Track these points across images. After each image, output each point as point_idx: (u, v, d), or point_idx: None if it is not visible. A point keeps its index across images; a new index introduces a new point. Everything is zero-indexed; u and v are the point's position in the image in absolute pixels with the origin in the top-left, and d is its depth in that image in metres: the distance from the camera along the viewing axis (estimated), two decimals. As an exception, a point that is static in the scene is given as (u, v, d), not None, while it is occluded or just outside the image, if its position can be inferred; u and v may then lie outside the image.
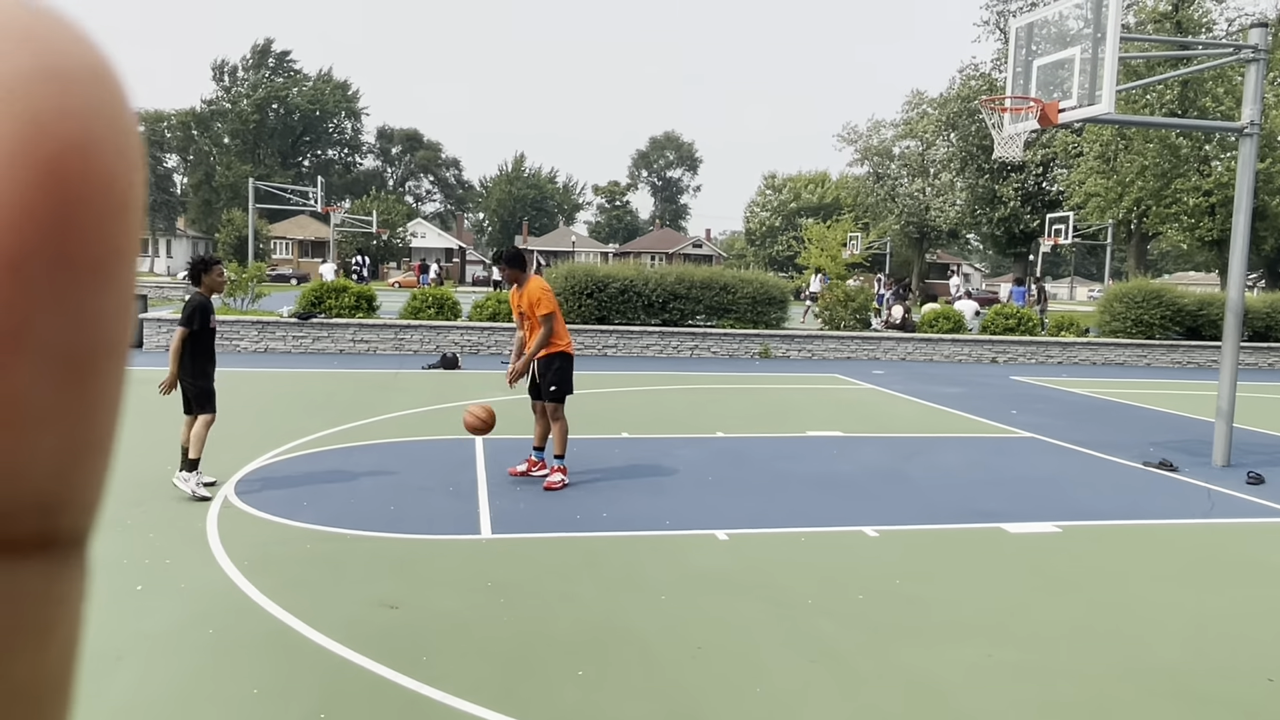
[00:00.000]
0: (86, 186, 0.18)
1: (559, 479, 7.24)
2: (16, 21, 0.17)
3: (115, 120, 0.19)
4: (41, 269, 0.18)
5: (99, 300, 0.19)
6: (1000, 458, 9.25)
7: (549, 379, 7.32)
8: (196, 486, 6.68)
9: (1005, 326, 20.65)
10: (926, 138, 55.65)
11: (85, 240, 0.18)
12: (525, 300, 7.24)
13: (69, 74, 0.18)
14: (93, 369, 0.19)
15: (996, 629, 4.69)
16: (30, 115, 0.17)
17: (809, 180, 72.89)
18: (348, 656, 4.12)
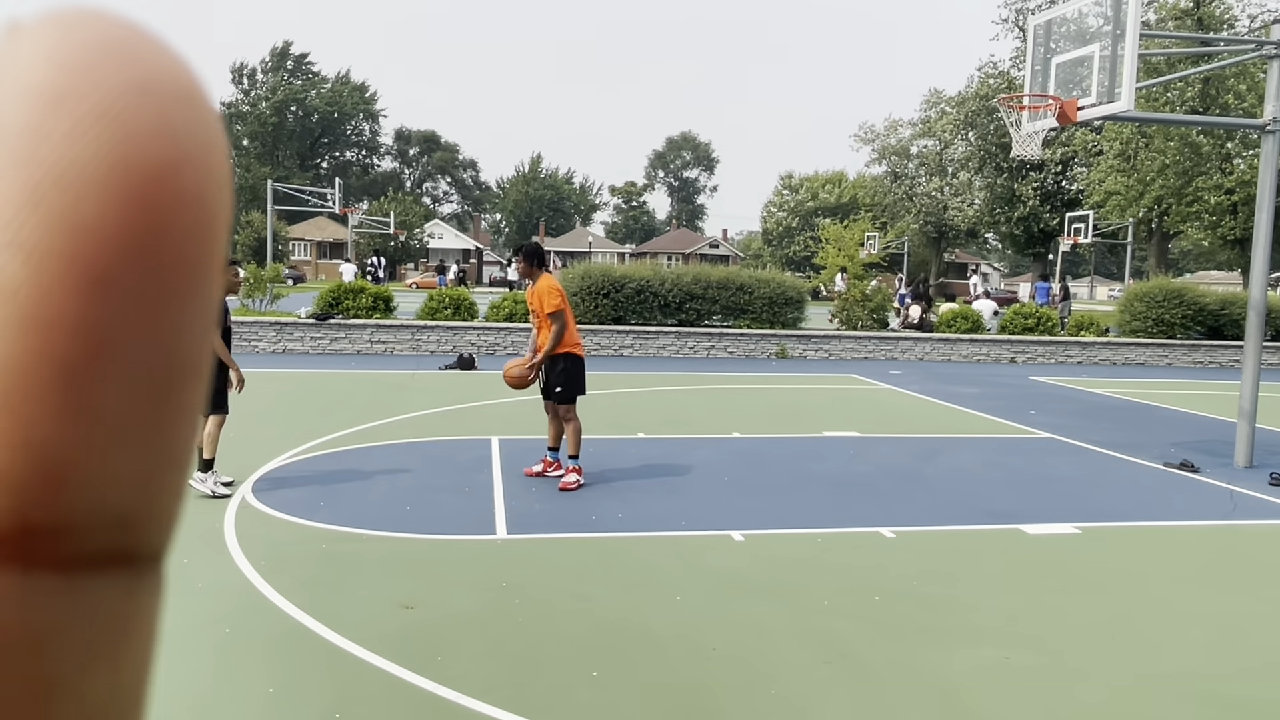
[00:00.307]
0: (177, 205, 0.18)
1: (574, 479, 7.23)
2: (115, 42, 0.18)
3: (205, 140, 0.19)
4: (130, 285, 0.18)
5: (183, 317, 0.19)
6: (1019, 458, 9.18)
7: (555, 380, 7.30)
8: (215, 485, 6.72)
9: (1024, 326, 20.51)
10: (944, 137, 55.38)
11: (173, 258, 0.18)
12: (535, 298, 7.25)
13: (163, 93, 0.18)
14: (174, 385, 0.19)
15: (1014, 631, 4.65)
16: (125, 134, 0.18)
17: (826, 180, 72.69)
18: (363, 656, 4.13)
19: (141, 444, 0.19)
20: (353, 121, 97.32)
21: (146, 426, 0.18)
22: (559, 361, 7.28)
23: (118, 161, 0.17)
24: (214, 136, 0.19)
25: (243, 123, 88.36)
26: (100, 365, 0.18)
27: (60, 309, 0.17)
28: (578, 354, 7.39)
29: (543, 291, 7.21)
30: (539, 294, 7.23)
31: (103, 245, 0.17)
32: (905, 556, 5.86)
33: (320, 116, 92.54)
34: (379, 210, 67.38)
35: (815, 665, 4.17)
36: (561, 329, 7.18)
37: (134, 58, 0.18)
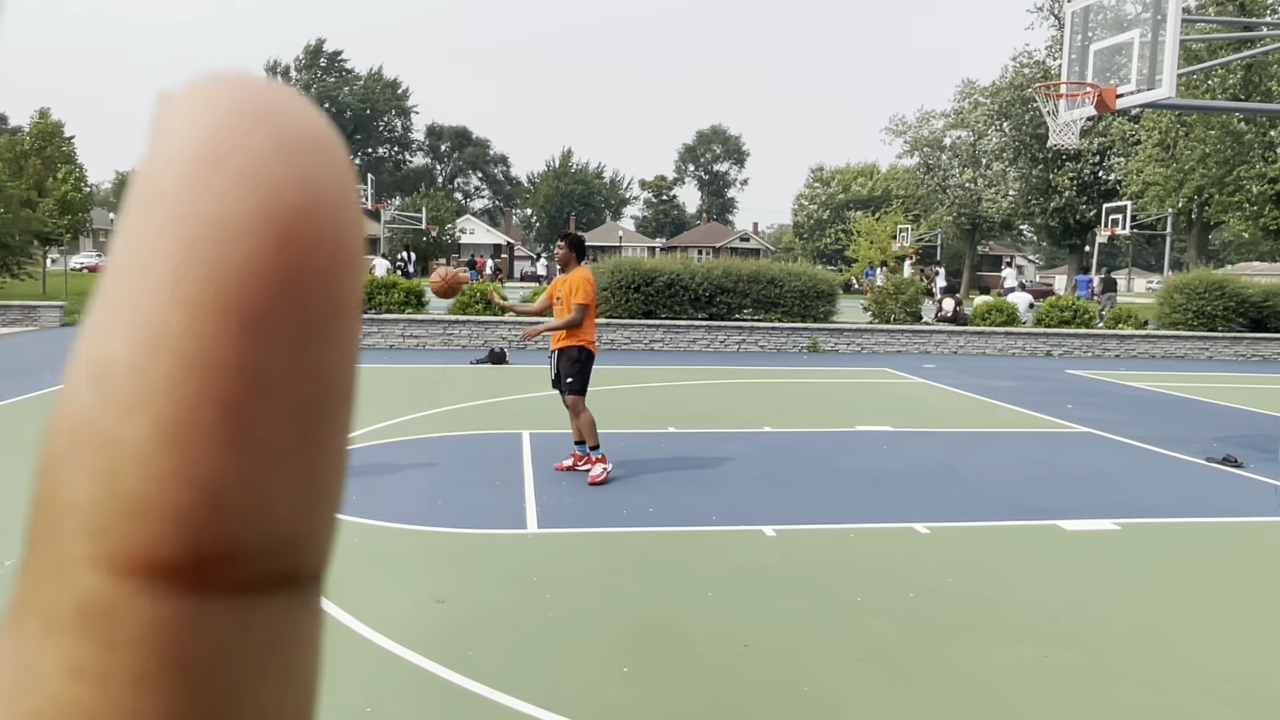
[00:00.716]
0: (317, 248, 0.20)
1: (600, 470, 7.21)
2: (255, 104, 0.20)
3: (340, 187, 0.21)
4: (279, 326, 0.20)
5: (329, 351, 0.20)
6: (1056, 453, 9.04)
7: (566, 370, 7.27)
8: None
9: (1060, 319, 20.23)
10: (978, 128, 54.72)
11: (317, 298, 0.20)
12: (565, 286, 7.21)
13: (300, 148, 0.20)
14: (325, 414, 0.20)
15: (1053, 629, 4.57)
16: (269, 187, 0.20)
17: (857, 172, 72.12)
18: (394, 650, 4.13)
19: (299, 470, 0.20)
20: (385, 118, 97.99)
21: (303, 454, 0.20)
22: (572, 352, 7.25)
23: (263, 212, 0.19)
24: (347, 183, 0.21)
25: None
26: (258, 401, 0.19)
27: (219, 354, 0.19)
28: (591, 349, 7.35)
29: (578, 281, 7.18)
30: (572, 283, 7.19)
31: (253, 292, 0.19)
32: (940, 552, 5.78)
33: (353, 113, 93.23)
34: (411, 206, 67.79)
35: (849, 663, 4.12)
36: (579, 320, 7.15)
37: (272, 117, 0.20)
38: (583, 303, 7.13)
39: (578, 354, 7.25)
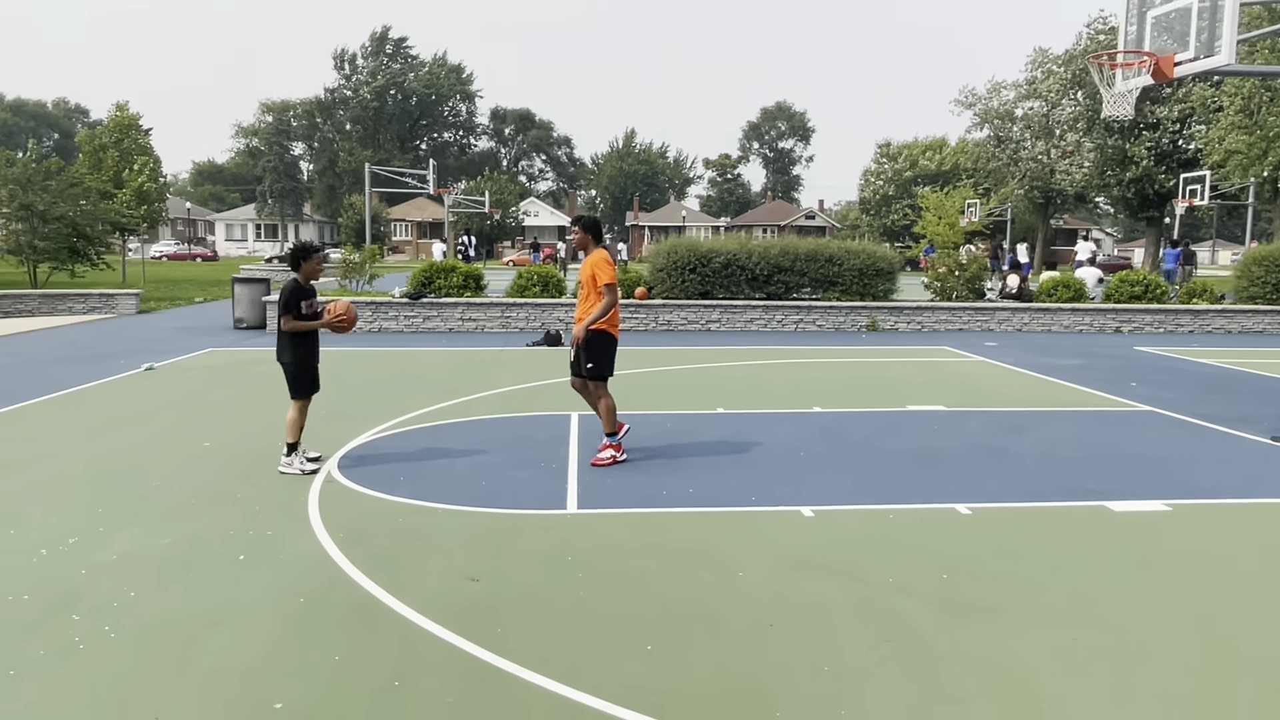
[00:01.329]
0: None
1: (608, 455, 7.22)
2: None
3: None
4: None
5: None
6: (1113, 432, 8.83)
7: (587, 355, 7.22)
8: (301, 464, 6.99)
9: (1131, 294, 19.64)
10: (1051, 98, 53.15)
11: None
12: (588, 269, 7.23)
13: None
14: None
15: (1087, 612, 4.50)
16: None
17: (925, 147, 70.67)
18: (427, 627, 4.26)
19: None
20: (450, 103, 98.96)
21: None
22: (593, 337, 7.19)
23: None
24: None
25: (345, 108, 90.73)
26: None
27: None
28: (613, 333, 7.31)
29: (599, 263, 7.20)
30: (595, 265, 7.21)
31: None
32: (979, 534, 5.71)
33: (419, 99, 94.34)
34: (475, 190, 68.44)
35: (874, 643, 4.12)
36: (612, 302, 7.14)
37: None
38: (611, 282, 7.13)
39: (600, 338, 7.22)
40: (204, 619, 4.33)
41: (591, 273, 7.18)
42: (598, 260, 7.20)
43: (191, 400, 10.24)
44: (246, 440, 8.12)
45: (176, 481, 6.76)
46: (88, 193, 26.71)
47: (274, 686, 3.68)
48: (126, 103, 33.05)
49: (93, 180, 29.12)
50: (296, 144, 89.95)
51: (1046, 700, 3.60)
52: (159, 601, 4.54)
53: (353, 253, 20.02)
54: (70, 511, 6.00)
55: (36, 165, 25.14)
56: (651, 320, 18.11)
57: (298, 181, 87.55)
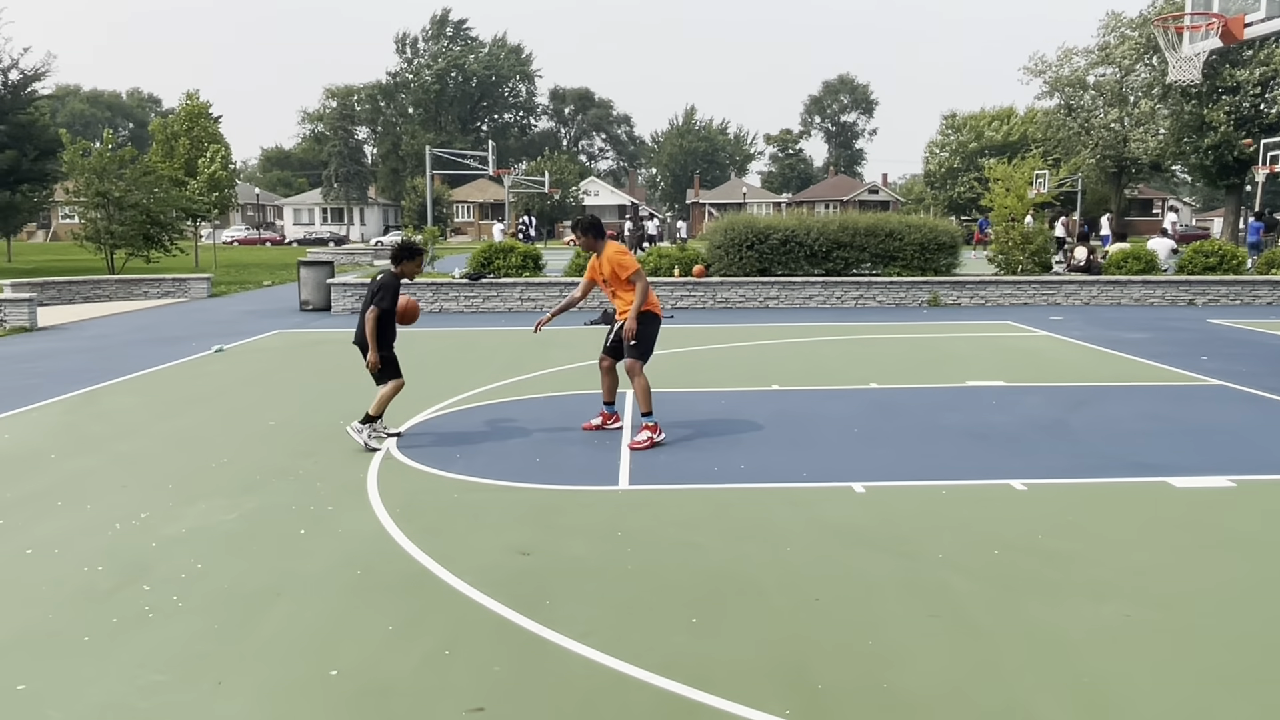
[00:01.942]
0: None
1: (645, 437, 7.13)
2: None
3: None
4: None
5: None
6: (1179, 407, 8.60)
7: (633, 344, 7.22)
8: (369, 439, 7.16)
9: (1205, 265, 19.01)
10: (1124, 63, 51.39)
11: None
12: (606, 267, 7.30)
13: None
14: None
15: (1141, 588, 4.43)
16: None
17: (992, 117, 68.88)
18: (477, 599, 4.37)
19: None
20: (509, 84, 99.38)
21: None
22: (640, 318, 7.22)
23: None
24: None
25: (407, 91, 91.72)
26: None
27: None
28: (656, 313, 7.38)
29: (616, 257, 7.26)
30: (612, 260, 7.26)
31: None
32: (1034, 510, 5.64)
33: (479, 81, 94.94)
34: (536, 170, 68.76)
35: (919, 619, 4.11)
36: (645, 287, 7.19)
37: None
38: (634, 272, 7.21)
39: (643, 320, 7.25)
40: (266, 589, 4.50)
41: (611, 269, 7.26)
42: (613, 255, 7.28)
43: (258, 380, 10.54)
44: (309, 419, 8.35)
45: (242, 459, 6.99)
46: (160, 180, 27.52)
47: (330, 654, 3.82)
48: (196, 91, 33.89)
49: (165, 168, 29.98)
50: (360, 128, 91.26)
51: (1094, 676, 3.56)
52: (224, 573, 4.73)
53: (414, 234, 20.29)
54: (143, 487, 6.26)
55: (112, 154, 25.96)
56: (709, 298, 18.08)
57: (362, 165, 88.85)
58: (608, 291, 7.48)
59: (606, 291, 7.50)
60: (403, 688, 3.55)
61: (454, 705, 3.41)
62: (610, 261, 7.29)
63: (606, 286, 7.46)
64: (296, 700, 3.47)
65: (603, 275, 7.42)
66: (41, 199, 31.93)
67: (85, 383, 10.21)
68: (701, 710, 3.37)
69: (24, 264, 34.23)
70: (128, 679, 3.64)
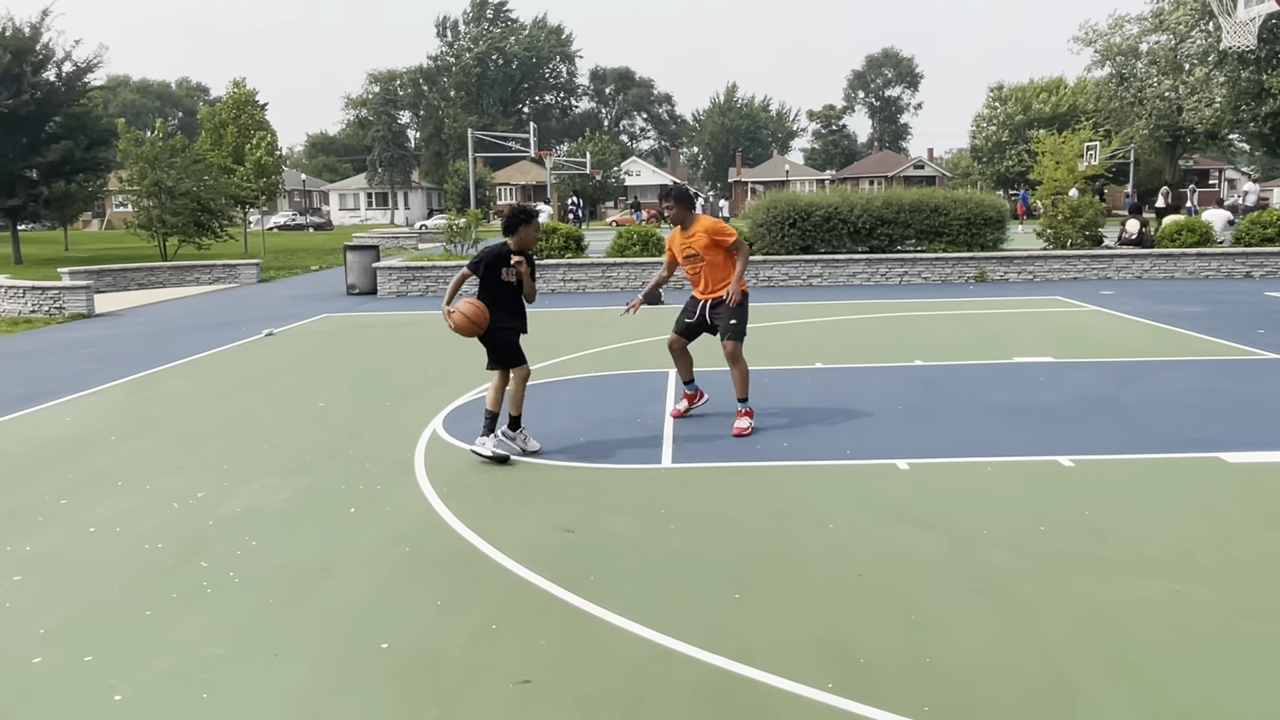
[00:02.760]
0: None
1: (747, 424, 6.92)
2: None
3: None
4: None
5: None
6: (1234, 381, 8.43)
7: (732, 314, 6.91)
8: (524, 442, 6.44)
9: (1263, 237, 18.51)
10: (1179, 30, 49.94)
11: None
12: (702, 238, 6.90)
13: None
14: None
15: (1190, 564, 4.38)
16: None
17: (1040, 89, 67.38)
18: (523, 575, 4.45)
19: None
20: (550, 65, 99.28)
21: None
22: (725, 300, 6.90)
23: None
24: None
25: (449, 75, 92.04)
26: None
27: None
28: (746, 289, 7.03)
29: (713, 226, 6.99)
30: (710, 230, 6.92)
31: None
32: (1081, 486, 5.58)
33: (520, 63, 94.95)
34: (577, 152, 68.75)
35: (962, 594, 4.11)
36: (746, 257, 6.96)
37: None
38: (735, 240, 6.93)
39: (736, 297, 6.91)
40: (318, 566, 4.61)
41: (710, 240, 6.89)
42: (711, 226, 6.97)
43: (307, 363, 10.74)
44: (357, 400, 8.50)
45: (293, 440, 7.14)
46: (210, 168, 28.00)
47: (380, 628, 3.92)
48: (244, 79, 34.36)
49: (214, 156, 30.48)
50: (403, 113, 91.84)
51: (1139, 652, 3.54)
52: (277, 550, 4.86)
53: (457, 217, 20.49)
54: (199, 468, 6.43)
55: (164, 143, 26.45)
56: (752, 276, 18.01)
57: (405, 150, 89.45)
58: (692, 268, 7.06)
59: (690, 268, 7.09)
60: (452, 660, 3.63)
61: (501, 678, 3.49)
62: (708, 232, 6.92)
63: (694, 263, 7.02)
64: (349, 672, 3.57)
65: (691, 249, 6.99)
66: (96, 188, 32.66)
67: (142, 367, 10.48)
68: (745, 684, 3.41)
69: (81, 252, 35.07)
70: (188, 651, 3.77)
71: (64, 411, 8.39)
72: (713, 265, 7.00)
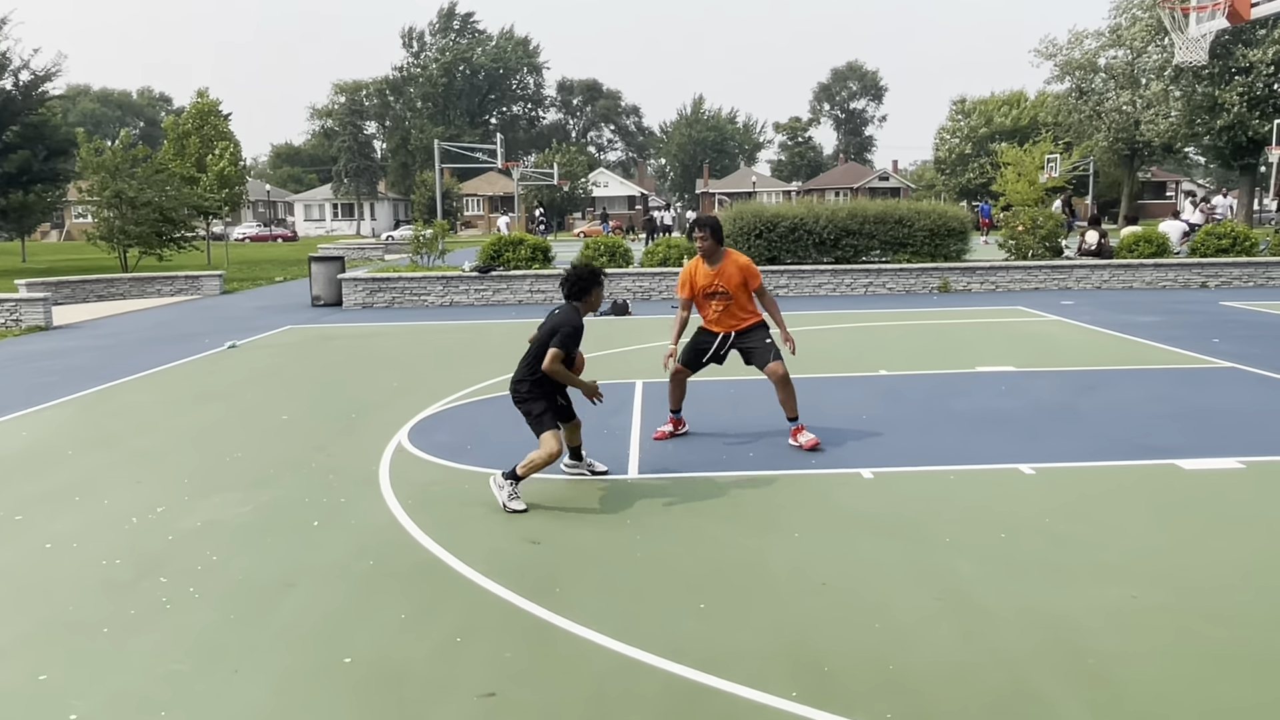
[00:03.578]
0: None
1: (812, 435, 6.80)
2: None
3: None
4: None
5: None
6: (1190, 390, 8.59)
7: (769, 343, 6.88)
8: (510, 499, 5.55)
9: (1218, 248, 18.89)
10: (1136, 45, 50.97)
11: None
12: (736, 275, 6.74)
13: None
14: None
15: (1147, 570, 4.45)
16: None
17: (1002, 102, 68.42)
18: (488, 587, 4.43)
19: None
20: (517, 76, 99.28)
21: None
22: (761, 328, 6.94)
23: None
24: None
25: (415, 85, 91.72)
26: None
27: None
28: None
29: (750, 268, 6.81)
30: (745, 269, 6.78)
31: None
32: (1042, 494, 5.66)
33: (487, 73, 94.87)
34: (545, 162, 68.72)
35: (925, 601, 4.14)
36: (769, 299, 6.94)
37: None
38: (761, 281, 6.91)
39: (764, 328, 6.96)
40: (280, 581, 4.56)
41: (743, 277, 6.77)
42: (746, 266, 6.83)
43: (271, 376, 10.63)
44: (322, 413, 8.42)
45: (256, 453, 7.06)
46: (172, 178, 27.67)
47: (343, 642, 3.88)
48: (206, 89, 34.04)
49: (177, 166, 30.13)
50: (369, 123, 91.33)
51: (1099, 657, 3.59)
52: (239, 565, 4.80)
53: (423, 228, 20.39)
54: (159, 482, 6.34)
55: (125, 153, 26.10)
56: (718, 287, 18.08)
57: (372, 160, 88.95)
58: (716, 304, 6.82)
59: (713, 304, 6.83)
60: (416, 674, 3.60)
61: (466, 691, 3.47)
62: (742, 271, 6.77)
63: (720, 300, 6.80)
64: (311, 687, 3.54)
65: (720, 287, 6.77)
66: (54, 199, 32.15)
67: (100, 380, 10.32)
68: (710, 694, 3.42)
69: (38, 264, 34.49)
70: (146, 668, 3.71)
71: (20, 426, 8.24)
72: (738, 302, 6.87)
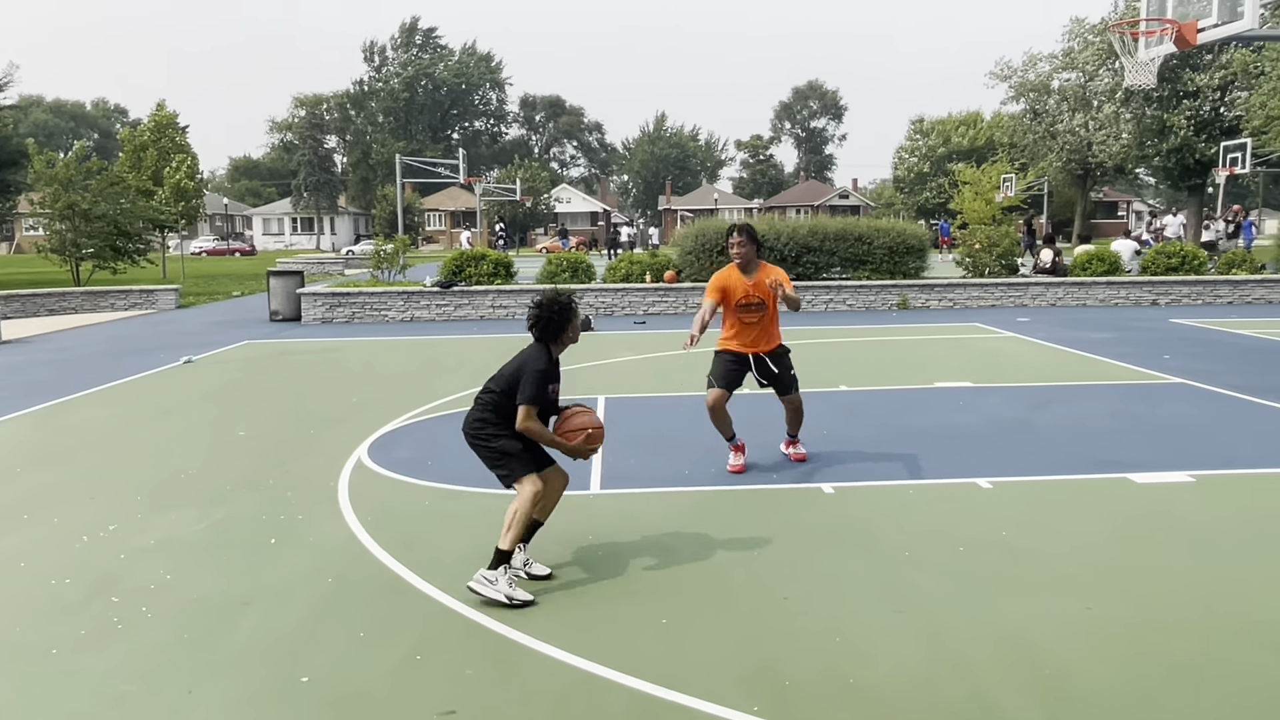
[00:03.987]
0: None
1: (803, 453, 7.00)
2: None
3: None
4: None
5: None
6: (1142, 405, 8.76)
7: (794, 374, 6.89)
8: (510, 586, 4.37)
9: (1167, 266, 19.33)
10: (1088, 69, 52.19)
11: None
12: (774, 279, 6.46)
13: None
14: None
15: (1101, 582, 4.52)
16: None
17: (959, 122, 69.64)
18: (448, 604, 4.39)
19: None
20: (480, 91, 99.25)
21: None
22: (787, 357, 6.89)
23: None
24: None
25: (377, 99, 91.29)
26: None
27: None
28: None
29: (785, 276, 6.55)
30: (783, 278, 6.48)
31: None
32: (999, 507, 5.73)
33: (449, 89, 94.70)
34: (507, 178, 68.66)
35: (885, 615, 4.17)
36: None
37: None
38: None
39: (789, 351, 6.95)
40: (235, 599, 4.49)
41: (775, 285, 6.46)
42: (785, 277, 6.50)
43: (227, 391, 10.48)
44: (279, 428, 8.32)
45: (212, 469, 6.95)
46: (127, 191, 27.24)
47: (300, 661, 3.82)
48: (164, 101, 33.61)
49: (133, 179, 29.68)
50: (330, 137, 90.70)
51: (1055, 668, 3.64)
52: (193, 583, 4.71)
53: (384, 243, 20.26)
54: (111, 499, 6.21)
55: (78, 165, 25.66)
56: (680, 303, 18.16)
57: (332, 174, 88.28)
58: (750, 317, 6.65)
59: (747, 318, 6.65)
60: (375, 693, 3.56)
61: (426, 709, 3.43)
62: (780, 278, 6.43)
63: (755, 312, 6.62)
64: (267, 708, 3.48)
65: (757, 298, 6.58)
66: (4, 211, 31.50)
67: (51, 395, 10.10)
68: (672, 709, 3.41)
69: (-13, 277, 33.71)
70: (96, 690, 3.62)
71: (-34, 442, 8.03)
72: (773, 316, 6.78)
